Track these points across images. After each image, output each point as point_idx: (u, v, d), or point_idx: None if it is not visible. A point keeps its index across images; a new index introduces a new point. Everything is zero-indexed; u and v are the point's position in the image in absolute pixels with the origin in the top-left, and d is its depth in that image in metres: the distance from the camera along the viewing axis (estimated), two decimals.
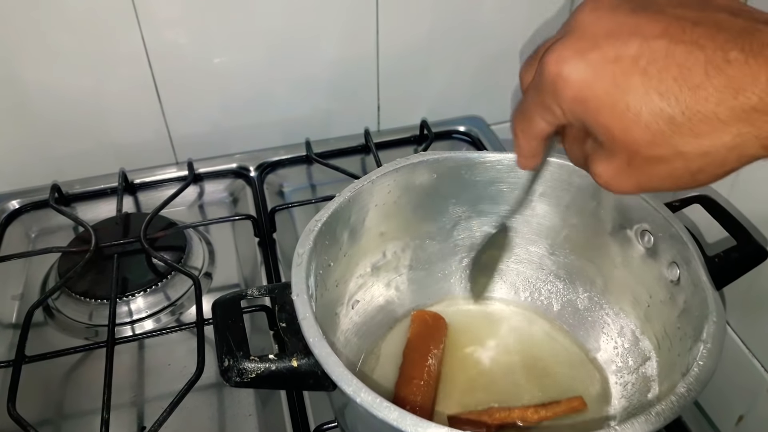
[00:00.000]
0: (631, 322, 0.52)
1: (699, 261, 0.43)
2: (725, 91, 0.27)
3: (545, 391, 0.52)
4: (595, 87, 0.29)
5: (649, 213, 0.48)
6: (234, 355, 0.40)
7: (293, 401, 0.53)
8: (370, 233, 0.53)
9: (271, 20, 0.73)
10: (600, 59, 0.29)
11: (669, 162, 0.29)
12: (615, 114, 0.29)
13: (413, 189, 0.53)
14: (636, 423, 0.33)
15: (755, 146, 0.28)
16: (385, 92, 0.82)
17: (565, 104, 0.31)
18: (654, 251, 0.48)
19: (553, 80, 0.31)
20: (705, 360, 0.37)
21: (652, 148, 0.29)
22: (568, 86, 0.30)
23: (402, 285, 0.58)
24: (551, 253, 0.57)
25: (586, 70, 0.30)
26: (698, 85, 0.27)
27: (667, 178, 0.30)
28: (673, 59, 0.28)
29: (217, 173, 0.78)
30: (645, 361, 0.49)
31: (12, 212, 0.73)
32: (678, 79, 0.28)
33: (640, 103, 0.28)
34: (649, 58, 0.28)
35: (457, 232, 0.57)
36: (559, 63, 0.30)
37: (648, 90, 0.28)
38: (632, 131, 0.29)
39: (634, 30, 0.29)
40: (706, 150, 0.28)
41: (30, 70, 0.69)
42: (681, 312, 0.45)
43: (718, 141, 0.28)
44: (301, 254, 0.44)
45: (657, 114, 0.28)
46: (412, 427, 0.33)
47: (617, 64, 0.29)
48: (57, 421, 0.55)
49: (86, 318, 0.62)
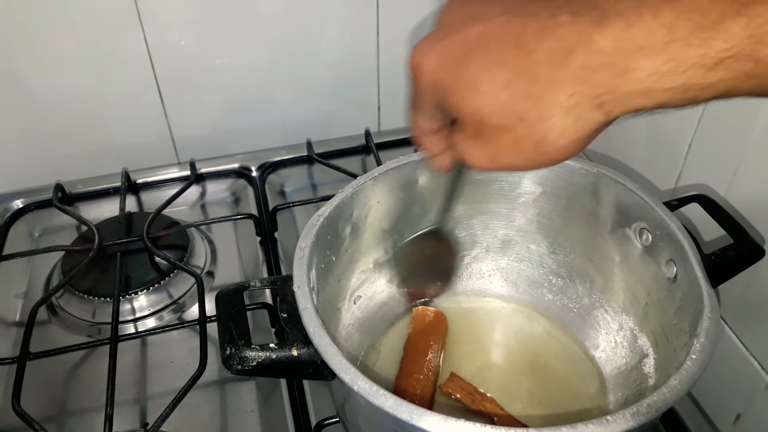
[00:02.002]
0: (630, 320, 0.52)
1: (695, 258, 0.44)
2: (556, 53, 0.28)
3: (544, 388, 0.52)
4: (443, 69, 0.32)
5: (648, 211, 0.48)
6: (236, 344, 0.41)
7: (294, 397, 0.54)
8: (372, 229, 0.53)
9: (272, 22, 0.73)
10: (449, 45, 0.32)
11: (513, 129, 0.31)
12: (460, 88, 0.31)
13: (415, 186, 0.54)
14: (627, 414, 0.34)
15: (589, 107, 0.29)
16: (386, 93, 0.83)
17: (426, 92, 0.33)
18: (652, 249, 0.49)
19: (413, 72, 0.33)
20: (698, 354, 0.37)
21: (496, 117, 0.31)
22: (423, 73, 0.33)
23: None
24: (551, 252, 0.58)
25: (436, 56, 0.32)
26: (532, 49, 0.29)
27: (515, 150, 0.31)
28: (510, 31, 0.30)
29: (219, 173, 0.78)
30: (643, 359, 0.50)
31: (16, 211, 0.74)
32: (514, 48, 0.29)
33: (479, 74, 0.30)
34: (489, 35, 0.30)
35: (459, 230, 0.58)
36: (416, 55, 0.33)
37: (487, 61, 0.30)
38: (474, 100, 0.31)
39: (481, 15, 0.31)
40: (542, 113, 0.30)
41: (33, 70, 0.70)
42: (677, 309, 0.45)
43: (554, 102, 0.29)
44: (303, 248, 0.45)
45: (495, 82, 0.30)
46: (407, 414, 0.34)
47: (462, 46, 0.31)
48: (61, 417, 0.56)
49: (89, 316, 0.63)
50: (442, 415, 0.33)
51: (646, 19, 0.26)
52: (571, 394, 0.52)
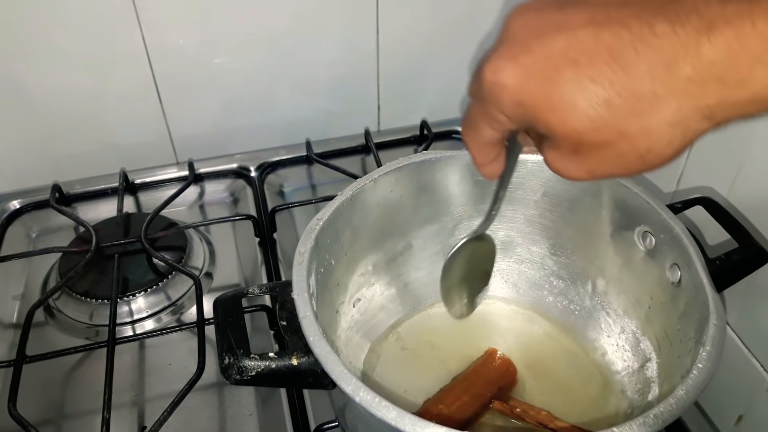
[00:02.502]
0: (632, 323, 0.52)
1: (700, 263, 0.43)
2: (657, 66, 0.26)
3: (544, 390, 0.52)
4: (529, 87, 0.30)
5: (651, 214, 0.48)
6: (234, 353, 0.41)
7: (294, 401, 0.53)
8: (371, 232, 0.53)
9: (271, 21, 0.73)
10: (531, 60, 0.30)
11: (614, 145, 0.29)
12: (551, 108, 0.29)
13: (415, 188, 0.53)
14: (634, 425, 0.33)
15: (697, 118, 0.27)
16: (385, 92, 0.82)
17: (507, 110, 0.31)
18: (655, 253, 0.48)
19: (491, 89, 0.31)
20: (704, 363, 0.37)
21: (595, 134, 0.29)
22: (506, 92, 0.31)
23: (403, 284, 0.58)
24: (553, 254, 0.57)
25: (520, 73, 0.30)
26: (630, 64, 0.27)
27: (617, 162, 0.30)
28: (601, 44, 0.28)
29: (217, 173, 0.78)
30: (645, 363, 0.49)
31: (13, 212, 0.73)
32: (609, 62, 0.27)
33: (573, 93, 0.28)
34: (577, 49, 0.28)
35: (459, 232, 0.57)
36: (495, 72, 0.31)
37: (580, 78, 0.28)
38: (570, 121, 0.29)
39: (561, 25, 0.29)
40: (648, 128, 0.28)
41: (31, 70, 0.69)
42: (681, 314, 0.45)
43: (660, 118, 0.28)
44: (303, 253, 0.44)
45: (593, 100, 0.28)
46: (410, 426, 0.33)
47: (548, 61, 0.29)
48: (58, 421, 0.55)
49: (87, 318, 0.63)
50: (444, 428, 0.32)
51: (760, 26, 0.25)
52: (572, 396, 0.52)
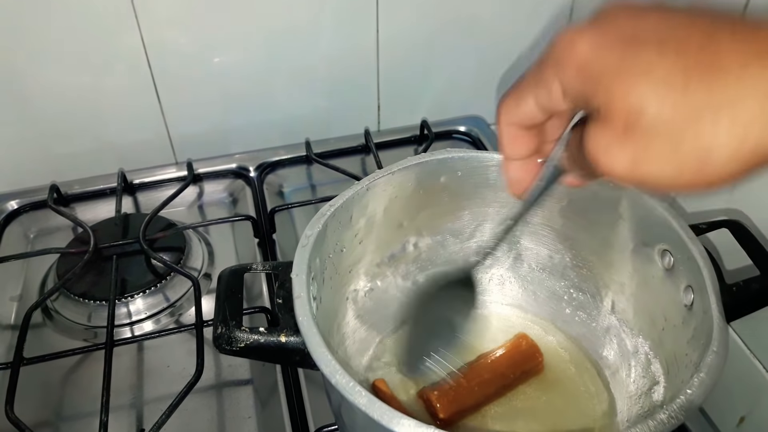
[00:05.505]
0: (646, 344, 0.50)
1: (712, 288, 0.41)
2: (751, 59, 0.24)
3: (550, 403, 0.51)
4: (602, 55, 0.27)
5: (672, 233, 0.45)
6: (227, 324, 0.42)
7: (293, 403, 0.53)
8: (388, 224, 0.52)
9: (271, 19, 0.72)
10: (616, 33, 0.27)
11: (675, 136, 0.25)
12: (619, 75, 0.26)
13: (435, 185, 0.52)
14: None
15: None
16: (385, 92, 0.82)
17: (567, 75, 0.29)
18: (673, 273, 0.46)
19: (562, 47, 0.29)
20: (694, 389, 0.35)
21: (660, 114, 0.25)
22: (575, 55, 0.28)
23: (420, 279, 0.56)
24: (574, 265, 0.55)
25: (599, 40, 0.28)
26: (723, 51, 0.25)
27: (668, 160, 0.26)
28: (697, 27, 0.26)
29: (216, 173, 0.78)
30: (654, 385, 0.47)
31: (10, 213, 0.73)
32: (700, 46, 0.25)
33: (655, 60, 0.25)
34: (669, 27, 0.26)
35: (480, 234, 0.56)
36: (573, 33, 0.29)
37: (664, 51, 0.25)
38: (640, 88, 0.26)
39: (658, 7, 0.28)
40: (718, 126, 0.25)
41: (29, 69, 0.69)
42: (690, 338, 0.43)
43: (738, 118, 0.24)
44: (309, 236, 0.44)
45: (673, 74, 0.25)
46: (378, 414, 0.33)
47: (633, 35, 0.27)
48: (55, 423, 0.55)
49: (85, 319, 0.62)
50: (413, 420, 0.32)
51: None
52: (578, 411, 0.51)
